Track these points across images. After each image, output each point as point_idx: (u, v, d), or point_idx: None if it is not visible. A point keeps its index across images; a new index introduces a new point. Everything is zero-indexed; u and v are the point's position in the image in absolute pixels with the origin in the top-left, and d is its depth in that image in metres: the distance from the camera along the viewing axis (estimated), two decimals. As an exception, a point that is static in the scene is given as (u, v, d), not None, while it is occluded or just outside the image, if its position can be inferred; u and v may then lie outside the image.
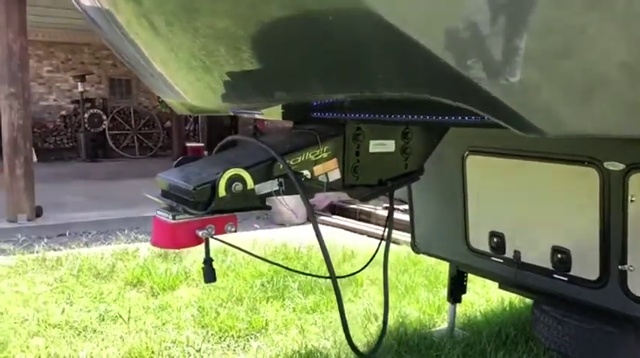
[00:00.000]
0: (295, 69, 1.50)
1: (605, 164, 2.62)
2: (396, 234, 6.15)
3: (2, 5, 6.66)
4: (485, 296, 4.42)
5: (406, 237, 5.05)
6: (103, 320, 4.04)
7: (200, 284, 4.81)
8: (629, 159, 2.53)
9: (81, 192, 9.33)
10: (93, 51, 15.48)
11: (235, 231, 1.76)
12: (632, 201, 2.57)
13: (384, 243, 2.30)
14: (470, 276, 4.15)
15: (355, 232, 7.13)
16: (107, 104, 15.50)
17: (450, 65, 1.11)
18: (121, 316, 4.05)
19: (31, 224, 6.89)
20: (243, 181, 1.63)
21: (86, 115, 14.62)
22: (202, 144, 15.48)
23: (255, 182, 1.65)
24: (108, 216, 7.44)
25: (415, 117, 1.71)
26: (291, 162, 1.70)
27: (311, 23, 1.41)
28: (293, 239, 6.28)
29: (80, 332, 3.84)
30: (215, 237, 1.72)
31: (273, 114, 1.99)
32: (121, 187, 10.16)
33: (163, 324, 3.96)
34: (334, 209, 8.02)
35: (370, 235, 6.84)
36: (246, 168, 1.64)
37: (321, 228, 5.80)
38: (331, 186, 1.82)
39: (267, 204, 1.74)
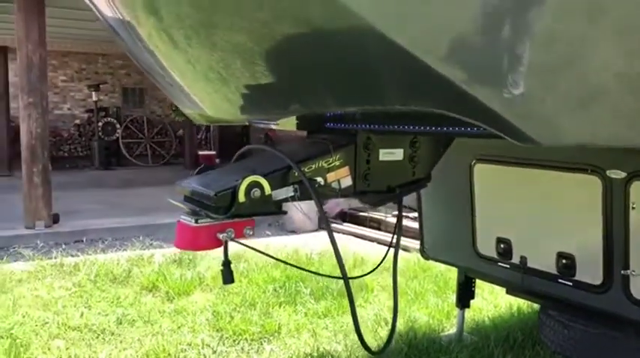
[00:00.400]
0: (310, 84, 1.61)
1: (608, 172, 2.71)
2: (405, 242, 6.26)
3: (22, 18, 6.86)
4: (493, 302, 4.50)
5: (416, 244, 5.15)
6: (121, 323, 4.16)
7: (214, 290, 4.93)
8: (630, 167, 2.62)
9: (95, 199, 9.49)
10: (107, 61, 15.74)
11: (253, 235, 1.88)
12: (633, 208, 2.66)
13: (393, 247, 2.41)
14: (478, 283, 4.24)
15: (365, 239, 7.22)
16: (120, 113, 15.72)
17: (452, 81, 1.21)
18: (139, 318, 4.17)
19: (48, 230, 7.05)
20: (261, 188, 1.74)
21: (100, 124, 14.84)
22: (214, 152, 15.64)
23: (272, 188, 1.76)
24: (123, 224, 7.59)
25: (422, 128, 1.82)
26: (305, 170, 1.82)
27: (323, 41, 1.52)
28: (305, 245, 6.39)
29: (99, 334, 3.96)
30: (234, 239, 1.83)
31: (288, 124, 2.11)
32: (135, 195, 10.33)
33: (179, 328, 4.08)
34: (345, 216, 8.12)
35: (380, 242, 6.92)
36: (264, 176, 1.75)
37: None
38: (343, 193, 1.93)
39: (283, 209, 1.85)
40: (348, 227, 7.79)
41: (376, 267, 2.58)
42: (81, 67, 15.49)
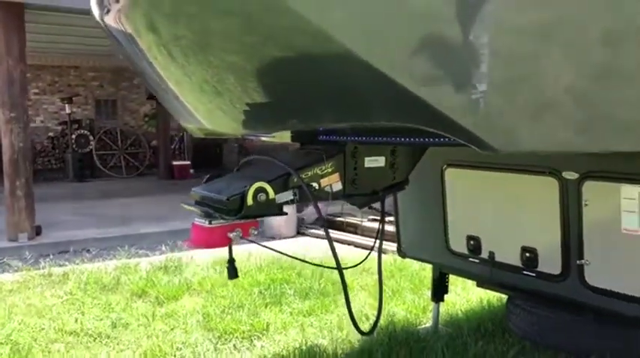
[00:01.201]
0: (307, 104, 1.90)
1: (564, 174, 3.06)
2: (388, 244, 6.57)
3: (2, 34, 7.00)
4: (465, 297, 4.83)
5: (392, 246, 5.46)
6: (115, 326, 4.36)
7: (201, 294, 5.16)
8: (583, 169, 2.98)
9: (74, 211, 9.59)
10: (79, 73, 15.79)
11: (257, 234, 2.15)
12: (585, 205, 3.01)
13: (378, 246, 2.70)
14: (451, 279, 4.58)
15: (343, 243, 7.50)
16: (94, 125, 15.77)
17: (428, 102, 1.52)
18: (133, 322, 4.38)
19: (32, 242, 7.17)
20: (266, 192, 2.02)
21: (73, 136, 14.87)
22: (189, 163, 15.82)
23: (276, 193, 2.04)
24: (106, 234, 7.74)
25: (400, 139, 2.13)
26: (303, 176, 2.10)
27: (316, 68, 1.81)
28: (285, 250, 6.62)
29: (95, 338, 4.16)
30: (242, 238, 2.10)
31: (283, 137, 2.40)
32: (112, 205, 10.44)
33: (172, 329, 4.30)
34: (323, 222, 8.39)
35: (357, 245, 7.24)
36: (268, 182, 2.03)
37: (311, 240, 6.22)
38: (334, 196, 2.21)
39: (283, 210, 2.13)
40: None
41: (364, 260, 2.88)
42: (54, 80, 15.50)
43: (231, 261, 2.31)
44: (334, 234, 7.93)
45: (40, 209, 8.47)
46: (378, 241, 2.69)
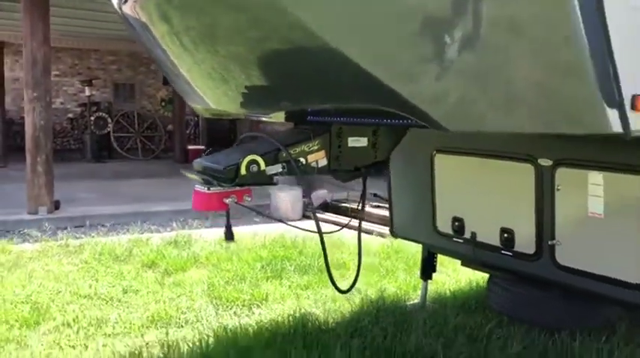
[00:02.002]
0: (295, 88, 2.19)
1: (539, 160, 3.32)
2: (381, 229, 6.87)
3: (27, 17, 7.36)
4: (455, 277, 5.11)
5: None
6: (126, 292, 4.71)
7: (208, 267, 5.49)
8: (556, 156, 3.23)
9: (91, 189, 9.98)
10: (99, 56, 16.18)
11: (251, 200, 2.45)
12: (558, 189, 3.27)
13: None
14: (444, 261, 4.86)
15: (346, 227, 7.79)
16: (112, 108, 16.17)
17: (390, 87, 1.80)
18: (142, 289, 4.72)
19: (50, 216, 7.55)
20: (258, 164, 2.31)
21: (92, 118, 15.28)
22: (203, 147, 16.19)
23: (266, 165, 2.33)
24: (120, 211, 8.11)
25: (381, 120, 2.41)
26: (291, 152, 2.39)
27: (303, 58, 2.10)
28: (290, 231, 6.95)
29: (107, 301, 4.51)
30: (237, 203, 2.41)
31: (278, 117, 2.70)
32: (128, 185, 10.83)
33: (178, 296, 4.64)
34: (327, 207, 8.71)
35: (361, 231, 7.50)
36: (260, 155, 2.32)
37: (327, 226, 6.45)
38: (320, 171, 2.50)
39: (273, 180, 2.43)
40: (330, 216, 8.36)
41: (345, 225, 3.18)
42: (74, 63, 15.92)
43: (228, 226, 2.61)
44: (338, 218, 8.22)
45: (59, 187, 8.86)
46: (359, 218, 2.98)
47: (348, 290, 3.21)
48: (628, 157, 2.91)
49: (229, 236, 2.60)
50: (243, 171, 2.28)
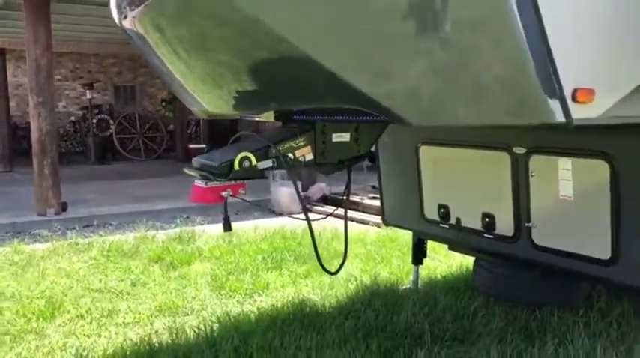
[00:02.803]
0: (280, 91, 2.45)
1: (514, 149, 3.57)
2: (377, 219, 7.10)
3: (31, 25, 7.61)
4: (447, 263, 5.36)
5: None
6: (135, 285, 4.98)
7: (211, 260, 5.76)
8: (529, 144, 3.48)
9: (97, 190, 10.26)
10: (99, 60, 16.45)
11: (245, 194, 2.70)
12: (532, 175, 3.52)
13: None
14: (437, 248, 5.12)
15: (344, 219, 8.05)
16: (113, 110, 16.45)
17: (358, 88, 2.06)
18: (150, 282, 5.00)
19: (58, 217, 7.83)
20: (250, 160, 2.56)
21: (94, 121, 15.55)
22: (204, 146, 16.47)
23: (257, 160, 2.58)
24: (125, 210, 8.38)
25: (359, 118, 2.67)
26: (280, 148, 2.64)
27: (286, 65, 2.35)
28: (290, 224, 7.22)
29: (118, 294, 4.79)
30: (233, 196, 2.66)
31: (268, 116, 2.96)
32: (132, 186, 11.10)
33: (184, 288, 4.91)
34: (327, 200, 8.96)
35: (358, 221, 7.78)
36: (251, 152, 2.57)
37: (315, 216, 6.81)
38: (307, 164, 2.75)
39: (265, 175, 2.68)
40: (329, 209, 8.62)
41: (331, 214, 3.45)
42: (75, 67, 16.18)
43: (226, 218, 2.87)
44: (338, 211, 8.48)
45: (65, 189, 9.13)
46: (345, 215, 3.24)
47: (336, 272, 3.46)
48: (592, 143, 3.16)
49: (227, 227, 2.85)
50: (236, 166, 2.53)
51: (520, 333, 3.66)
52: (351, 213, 8.26)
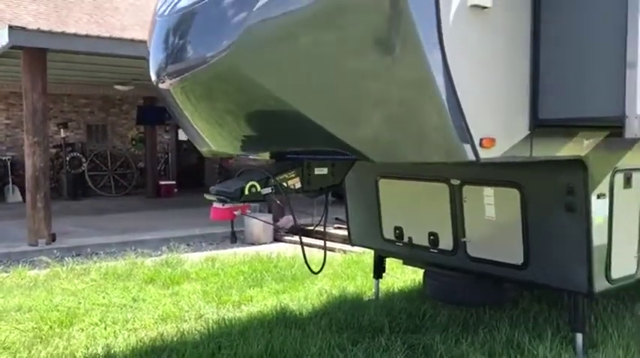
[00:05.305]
0: (275, 137, 3.44)
1: (451, 181, 4.61)
2: (343, 246, 8.04)
3: (28, 73, 8.42)
4: (402, 278, 6.33)
5: (351, 247, 6.98)
6: (136, 300, 5.76)
7: (199, 281, 6.57)
8: (462, 177, 4.52)
9: (77, 223, 10.89)
10: (72, 100, 17.12)
11: (250, 212, 3.62)
12: (465, 201, 4.55)
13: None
14: (398, 267, 6.07)
15: (313, 247, 8.94)
16: (86, 148, 17.07)
17: (338, 137, 3.06)
18: (148, 298, 5.78)
19: (49, 247, 8.48)
20: (256, 187, 3.49)
21: (67, 158, 16.15)
22: (174, 182, 17.23)
23: (261, 188, 3.51)
24: (111, 240, 9.09)
25: (336, 157, 3.66)
26: (278, 178, 3.58)
27: (277, 117, 3.34)
28: (263, 251, 8.11)
29: (122, 307, 5.55)
30: (243, 214, 3.59)
31: (264, 156, 3.92)
32: (110, 219, 11.76)
33: (179, 302, 5.71)
34: (295, 230, 9.86)
35: (323, 249, 8.68)
36: (257, 181, 3.51)
37: (285, 244, 7.99)
38: (297, 191, 3.70)
39: (265, 199, 3.61)
40: (298, 238, 9.52)
41: (320, 221, 4.37)
42: (49, 107, 16.77)
43: (232, 233, 3.79)
44: (306, 239, 9.39)
45: (49, 221, 9.80)
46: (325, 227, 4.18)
47: (319, 272, 4.37)
48: (507, 176, 4.21)
49: (233, 239, 3.77)
50: (246, 192, 3.46)
51: (459, 326, 4.62)
52: (318, 242, 9.19)
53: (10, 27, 7.98)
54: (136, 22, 12.30)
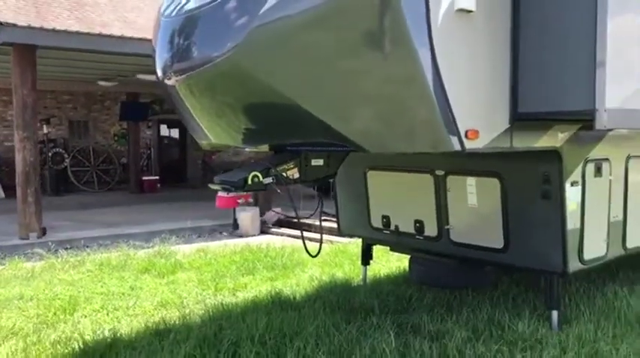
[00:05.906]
0: (274, 130, 3.71)
1: (436, 171, 4.92)
2: (330, 238, 8.33)
3: (18, 69, 8.53)
4: (388, 266, 6.65)
5: (339, 238, 7.29)
6: (133, 289, 5.98)
7: (192, 270, 6.80)
8: (446, 168, 4.84)
9: (65, 218, 11.00)
10: (54, 96, 17.12)
11: (251, 201, 3.88)
12: (449, 191, 4.87)
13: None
14: (379, 254, 6.38)
15: (298, 238, 9.23)
16: (68, 144, 17.09)
17: (332, 128, 3.34)
18: (145, 286, 6.01)
19: (40, 240, 8.62)
20: (258, 177, 3.75)
21: (50, 154, 16.16)
22: (157, 178, 17.35)
23: (263, 177, 3.78)
24: (100, 233, 9.26)
25: (331, 149, 3.94)
26: (278, 169, 3.86)
27: (277, 111, 3.61)
28: (252, 242, 8.36)
29: (120, 295, 5.77)
30: (245, 202, 3.84)
31: (264, 148, 4.19)
32: (96, 214, 11.89)
33: (176, 289, 5.95)
34: (282, 222, 10.13)
35: (310, 240, 8.95)
36: (259, 171, 3.77)
37: (271, 236, 8.32)
38: (295, 180, 3.98)
39: (266, 188, 3.88)
40: (284, 230, 9.80)
41: (315, 211, 4.65)
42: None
43: (234, 220, 4.04)
44: (291, 231, 9.67)
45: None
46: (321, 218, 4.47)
47: (316, 255, 4.66)
48: (488, 166, 4.53)
49: (235, 226, 4.02)
50: (249, 181, 3.72)
51: (444, 307, 4.95)
52: (306, 234, 9.47)
53: (1, 24, 8.09)
54: (116, 17, 12.38)
